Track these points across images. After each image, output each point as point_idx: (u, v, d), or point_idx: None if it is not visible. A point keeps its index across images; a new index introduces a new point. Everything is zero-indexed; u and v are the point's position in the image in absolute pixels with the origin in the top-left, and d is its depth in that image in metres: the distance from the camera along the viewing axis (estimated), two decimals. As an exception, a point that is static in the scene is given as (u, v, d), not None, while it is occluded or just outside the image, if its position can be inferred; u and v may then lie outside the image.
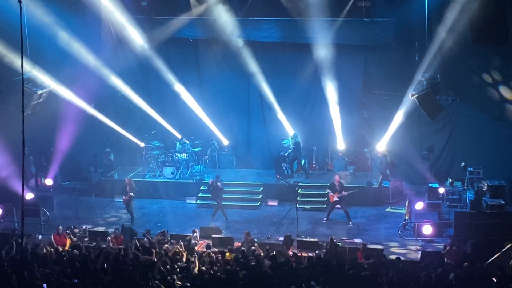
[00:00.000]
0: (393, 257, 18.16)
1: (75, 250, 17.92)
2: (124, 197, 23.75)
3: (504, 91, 23.62)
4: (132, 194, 23.65)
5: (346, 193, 22.86)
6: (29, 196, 23.91)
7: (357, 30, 25.04)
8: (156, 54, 26.74)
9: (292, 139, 26.09)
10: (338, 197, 22.77)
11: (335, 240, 19.54)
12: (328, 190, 23.26)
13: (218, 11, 25.19)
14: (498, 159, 24.11)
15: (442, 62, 22.64)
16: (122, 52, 26.34)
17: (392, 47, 25.14)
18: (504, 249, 17.81)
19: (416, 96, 22.30)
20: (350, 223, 22.76)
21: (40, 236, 20.58)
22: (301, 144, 26.04)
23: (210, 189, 24.00)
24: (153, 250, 17.85)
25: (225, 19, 25.41)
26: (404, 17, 24.21)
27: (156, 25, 26.49)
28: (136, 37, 26.31)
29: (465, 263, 16.35)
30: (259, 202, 25.11)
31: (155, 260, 16.86)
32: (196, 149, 27.27)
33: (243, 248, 18.65)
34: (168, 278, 15.30)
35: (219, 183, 23.78)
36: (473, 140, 24.75)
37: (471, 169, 23.52)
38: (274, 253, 17.50)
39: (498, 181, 22.35)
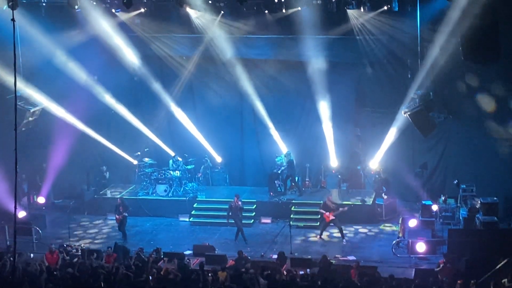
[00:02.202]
0: (386, 274, 18.08)
1: (69, 269, 17.81)
2: (117, 216, 23.66)
3: (496, 108, 23.72)
4: (125, 214, 23.54)
5: (345, 208, 22.81)
6: (21, 214, 23.77)
7: (349, 48, 25.17)
8: (149, 71, 26.84)
9: (285, 156, 26.10)
10: (334, 216, 22.72)
11: (328, 258, 19.49)
12: (322, 211, 23.18)
13: (211, 28, 25.29)
14: (491, 176, 24.14)
15: (435, 79, 22.78)
16: (115, 69, 26.40)
17: (384, 64, 25.29)
18: (498, 267, 17.80)
19: (409, 113, 22.36)
20: (344, 240, 22.71)
21: (32, 255, 20.47)
22: (294, 161, 26.03)
23: (231, 210, 23.28)
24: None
25: (218, 37, 25.53)
26: (397, 35, 24.33)
27: (149, 43, 26.61)
28: (129, 55, 26.38)
29: (459, 281, 16.33)
30: (253, 220, 25.04)
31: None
32: (189, 167, 27.23)
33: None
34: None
35: (239, 202, 23.44)
36: (466, 158, 24.80)
37: (464, 186, 23.54)
38: (269, 271, 17.45)
39: (491, 198, 22.41)
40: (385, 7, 23.01)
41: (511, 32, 20.87)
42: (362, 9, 23.36)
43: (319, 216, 23.76)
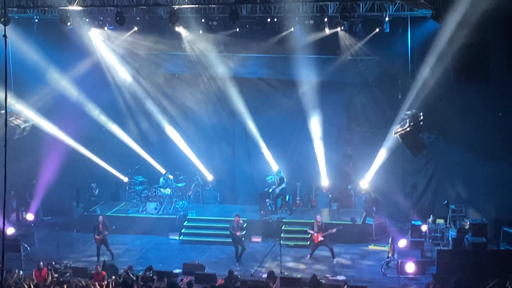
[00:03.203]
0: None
1: (57, 287, 17.71)
2: (96, 236, 23.11)
3: (485, 129, 23.82)
4: (106, 232, 23.09)
5: (335, 230, 22.76)
6: (10, 230, 23.64)
7: (341, 68, 25.31)
8: (141, 89, 26.88)
9: (276, 174, 26.10)
10: (323, 236, 22.68)
11: (318, 277, 19.44)
12: (310, 231, 23.17)
13: (204, 47, 25.39)
14: (480, 197, 24.19)
15: (425, 100, 22.86)
16: (107, 86, 26.43)
17: (375, 84, 25.44)
18: (486, 288, 17.83)
19: (399, 133, 22.44)
20: (335, 260, 22.66)
21: (21, 272, 20.31)
22: (285, 179, 26.02)
23: (233, 229, 23.03)
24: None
25: (211, 55, 25.62)
26: (388, 56, 24.50)
27: (141, 61, 26.68)
28: (122, 72, 26.42)
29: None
30: (243, 238, 24.93)
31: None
32: (180, 185, 27.19)
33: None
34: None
35: (241, 221, 23.36)
36: (455, 178, 24.86)
37: (454, 207, 23.57)
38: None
39: (480, 219, 22.45)
40: (377, 29, 23.16)
41: (500, 53, 21.06)
42: (353, 30, 23.47)
43: (309, 235, 23.73)
